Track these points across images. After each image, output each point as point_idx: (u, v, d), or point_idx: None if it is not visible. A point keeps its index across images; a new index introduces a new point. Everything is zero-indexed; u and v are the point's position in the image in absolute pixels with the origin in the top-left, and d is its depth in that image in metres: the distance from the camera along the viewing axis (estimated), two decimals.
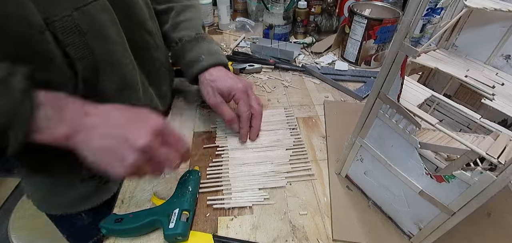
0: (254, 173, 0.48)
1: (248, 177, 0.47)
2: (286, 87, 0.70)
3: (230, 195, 0.44)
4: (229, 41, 0.93)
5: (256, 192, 0.45)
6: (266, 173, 0.48)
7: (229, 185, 0.46)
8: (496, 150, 0.27)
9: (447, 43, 0.45)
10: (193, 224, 0.41)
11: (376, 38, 0.73)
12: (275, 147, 0.53)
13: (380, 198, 0.42)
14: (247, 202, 0.44)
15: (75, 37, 0.36)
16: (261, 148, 0.53)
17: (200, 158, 0.51)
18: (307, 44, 0.88)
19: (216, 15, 1.01)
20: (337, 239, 0.39)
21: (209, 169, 0.49)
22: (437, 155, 0.41)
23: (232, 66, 0.73)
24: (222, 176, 0.48)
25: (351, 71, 0.77)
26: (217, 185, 0.46)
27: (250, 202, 0.44)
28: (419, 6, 0.26)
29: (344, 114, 0.61)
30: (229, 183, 0.46)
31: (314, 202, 0.44)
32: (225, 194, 0.45)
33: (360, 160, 0.42)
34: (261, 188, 0.46)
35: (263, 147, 0.53)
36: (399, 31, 0.29)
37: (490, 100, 0.34)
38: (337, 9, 0.90)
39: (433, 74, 0.47)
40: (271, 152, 0.52)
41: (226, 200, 0.44)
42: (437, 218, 0.34)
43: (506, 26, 0.38)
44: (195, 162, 0.50)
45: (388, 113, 0.34)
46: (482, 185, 0.27)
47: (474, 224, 0.41)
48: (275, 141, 0.54)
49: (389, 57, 0.31)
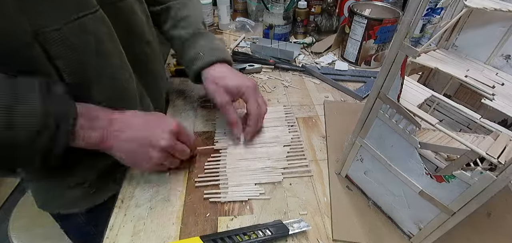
0: (251, 168, 0.48)
1: (245, 172, 0.48)
2: (286, 87, 0.70)
3: (226, 189, 0.45)
4: (229, 41, 0.93)
5: (252, 187, 0.45)
6: (263, 168, 0.48)
7: (226, 179, 0.46)
8: (496, 150, 0.27)
9: (447, 43, 0.45)
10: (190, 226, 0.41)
11: (376, 38, 0.73)
12: (273, 143, 0.53)
13: (380, 198, 0.42)
14: (243, 196, 0.44)
15: (66, 51, 0.35)
16: (259, 143, 0.53)
17: (199, 157, 0.51)
18: (307, 44, 0.88)
19: (216, 15, 1.01)
20: (337, 239, 0.39)
21: (207, 163, 0.49)
22: (437, 155, 0.41)
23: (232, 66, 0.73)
24: (220, 171, 0.48)
25: (351, 71, 0.77)
26: (214, 180, 0.46)
27: (246, 196, 0.44)
28: (419, 6, 0.26)
29: (344, 114, 0.61)
30: (226, 177, 0.47)
31: (314, 202, 0.44)
32: (221, 189, 0.45)
33: (360, 160, 0.42)
34: (257, 183, 0.46)
35: (261, 142, 0.53)
36: (399, 31, 0.29)
37: (490, 100, 0.34)
38: (337, 9, 0.90)
39: (433, 74, 0.47)
40: (268, 148, 0.52)
41: (222, 194, 0.44)
42: (437, 218, 0.34)
43: (506, 26, 0.38)
44: (195, 161, 0.50)
45: (388, 113, 0.34)
46: (482, 185, 0.27)
47: (474, 224, 0.41)
48: (273, 137, 0.54)
49: (389, 57, 0.31)
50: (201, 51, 0.52)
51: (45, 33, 0.32)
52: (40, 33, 0.32)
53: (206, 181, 0.46)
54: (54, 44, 0.33)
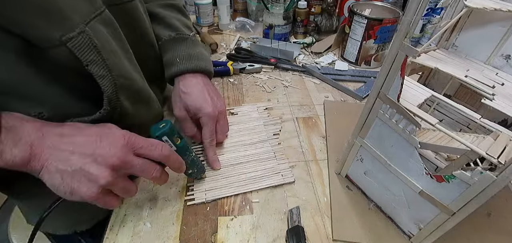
0: (230, 174, 0.47)
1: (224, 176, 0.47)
2: (286, 87, 0.70)
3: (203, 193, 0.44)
4: (229, 41, 0.93)
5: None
6: (244, 173, 0.47)
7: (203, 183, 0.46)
8: (496, 150, 0.27)
9: (447, 43, 0.45)
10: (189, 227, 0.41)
11: (376, 38, 0.73)
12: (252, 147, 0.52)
13: (380, 198, 0.42)
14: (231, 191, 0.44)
15: (93, 54, 0.33)
16: (237, 147, 0.52)
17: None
18: (307, 44, 0.88)
19: (216, 15, 1.01)
20: (337, 239, 0.39)
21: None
22: (437, 155, 0.41)
23: (232, 66, 0.73)
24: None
25: (351, 71, 0.77)
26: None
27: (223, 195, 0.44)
28: (419, 6, 0.26)
29: (344, 114, 0.61)
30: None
31: (314, 202, 0.44)
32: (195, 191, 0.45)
33: (360, 160, 0.42)
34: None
35: (240, 145, 0.52)
36: (399, 31, 0.29)
37: (490, 100, 0.34)
38: (337, 9, 0.90)
39: (433, 74, 0.47)
40: (248, 151, 0.51)
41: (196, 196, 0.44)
42: (437, 218, 0.34)
43: (506, 26, 0.38)
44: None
45: (388, 113, 0.34)
46: (482, 185, 0.27)
47: (474, 224, 0.41)
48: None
49: (389, 57, 0.31)
50: (177, 58, 0.50)
51: (72, 39, 0.31)
52: (68, 39, 0.30)
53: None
54: (81, 49, 0.31)
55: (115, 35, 0.38)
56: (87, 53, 0.32)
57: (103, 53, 0.34)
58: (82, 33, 0.32)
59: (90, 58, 0.32)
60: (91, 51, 0.32)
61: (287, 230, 0.39)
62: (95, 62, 0.33)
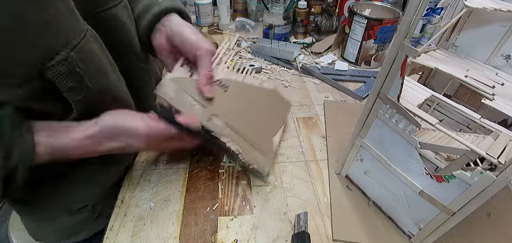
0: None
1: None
2: (286, 87, 0.70)
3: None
4: (229, 41, 0.93)
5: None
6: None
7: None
8: (496, 150, 0.27)
9: (447, 43, 0.45)
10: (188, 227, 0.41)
11: (376, 38, 0.73)
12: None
13: (380, 198, 0.42)
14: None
15: (74, 81, 0.32)
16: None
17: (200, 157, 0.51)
18: (307, 44, 0.88)
19: (216, 15, 1.01)
20: (337, 239, 0.39)
21: None
22: (437, 155, 0.41)
23: (232, 66, 0.73)
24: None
25: (351, 71, 0.77)
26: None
27: None
28: (419, 6, 0.26)
29: (344, 114, 0.61)
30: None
31: (314, 202, 0.44)
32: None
33: (360, 160, 0.42)
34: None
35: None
36: (399, 31, 0.29)
37: (490, 100, 0.34)
38: (337, 9, 0.90)
39: (433, 74, 0.47)
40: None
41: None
42: (437, 218, 0.34)
43: (506, 26, 0.38)
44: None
45: (388, 113, 0.34)
46: (482, 185, 0.27)
47: (474, 224, 0.41)
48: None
49: (389, 57, 0.31)
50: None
51: (52, 67, 0.29)
52: (47, 68, 0.29)
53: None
54: (61, 77, 0.31)
55: (103, 51, 0.37)
56: (67, 81, 0.31)
57: (87, 75, 0.33)
58: (64, 61, 0.30)
59: (69, 86, 0.32)
60: (71, 78, 0.31)
61: (293, 235, 0.39)
62: (74, 89, 0.32)
